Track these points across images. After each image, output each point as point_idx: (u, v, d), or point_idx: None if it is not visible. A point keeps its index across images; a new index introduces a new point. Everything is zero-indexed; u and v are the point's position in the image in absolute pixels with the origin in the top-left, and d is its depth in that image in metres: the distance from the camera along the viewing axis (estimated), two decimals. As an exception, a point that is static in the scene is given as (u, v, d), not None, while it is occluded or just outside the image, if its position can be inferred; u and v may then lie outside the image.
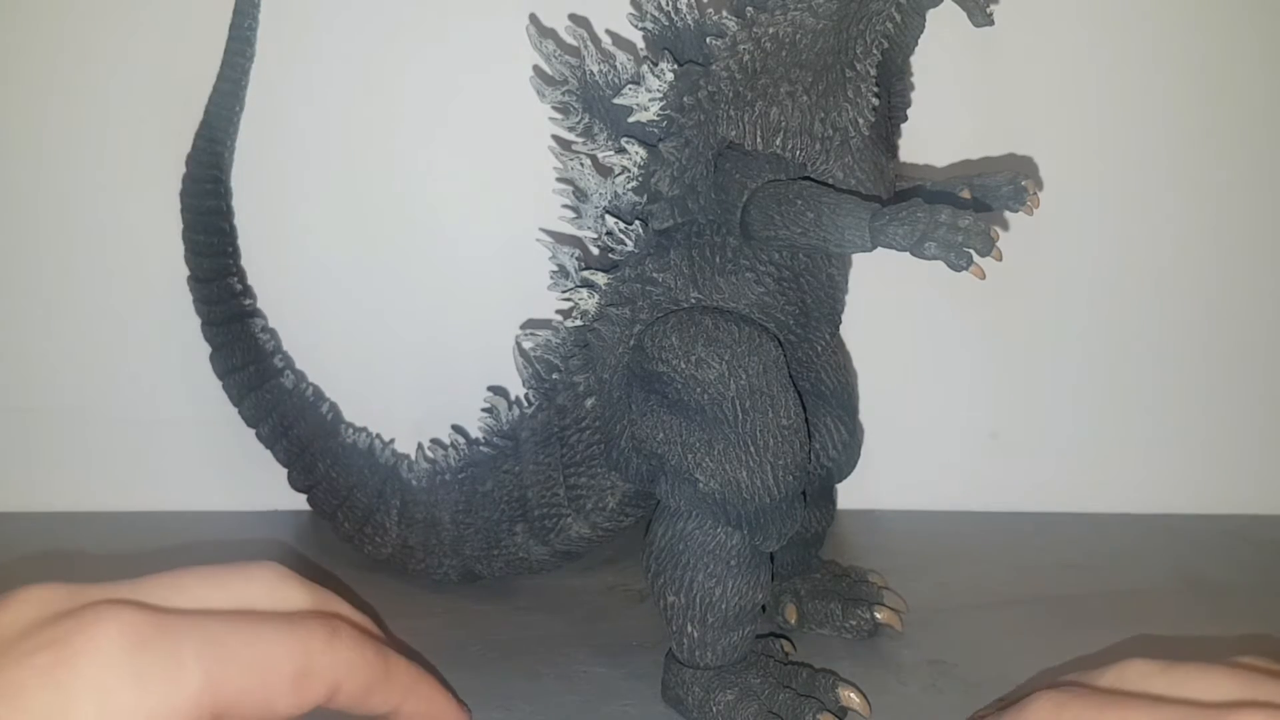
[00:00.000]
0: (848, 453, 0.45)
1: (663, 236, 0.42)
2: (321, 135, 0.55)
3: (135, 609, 0.25)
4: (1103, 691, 0.29)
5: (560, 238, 0.47)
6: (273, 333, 0.53)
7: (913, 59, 0.44)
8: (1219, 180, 0.58)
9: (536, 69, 0.44)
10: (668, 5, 0.42)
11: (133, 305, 0.56)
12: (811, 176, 0.40)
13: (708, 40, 0.41)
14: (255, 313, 0.53)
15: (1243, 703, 0.27)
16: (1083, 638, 0.46)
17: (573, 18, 0.48)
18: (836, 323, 0.45)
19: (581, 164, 0.44)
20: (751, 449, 0.39)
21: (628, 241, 0.43)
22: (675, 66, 0.41)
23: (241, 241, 0.53)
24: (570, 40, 0.44)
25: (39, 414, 0.57)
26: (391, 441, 0.53)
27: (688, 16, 0.42)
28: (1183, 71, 0.57)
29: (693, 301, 0.42)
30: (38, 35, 0.53)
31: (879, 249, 0.37)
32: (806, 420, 0.41)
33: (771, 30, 0.40)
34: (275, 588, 0.29)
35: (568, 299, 0.45)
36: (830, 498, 0.48)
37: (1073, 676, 0.32)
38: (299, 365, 0.54)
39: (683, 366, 0.40)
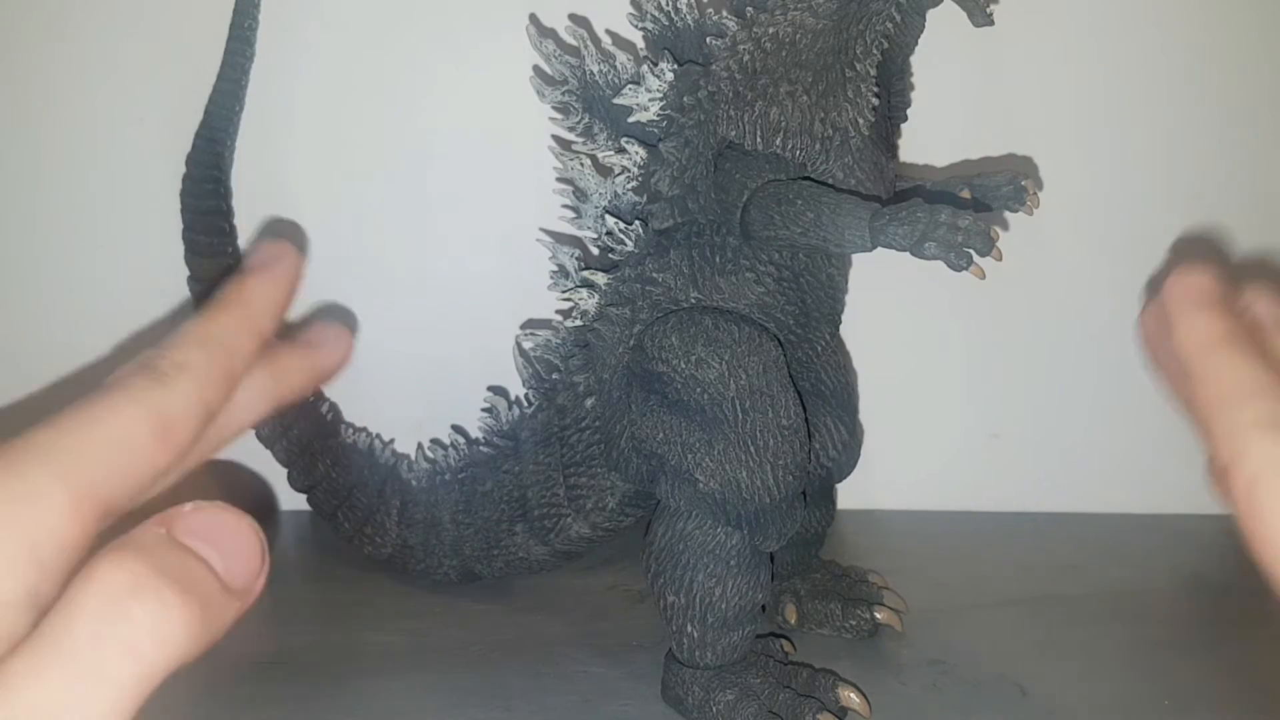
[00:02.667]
0: (848, 453, 0.45)
1: (663, 236, 0.42)
2: (321, 135, 0.55)
3: None
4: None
5: (560, 238, 0.47)
6: (273, 333, 0.53)
7: (913, 59, 0.44)
8: (1220, 179, 0.58)
9: (536, 69, 0.44)
10: (668, 5, 0.42)
11: (133, 305, 0.56)
12: (811, 176, 0.40)
13: (708, 40, 0.41)
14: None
15: None
16: (1083, 638, 0.46)
17: (573, 18, 0.48)
18: (836, 323, 0.45)
19: (581, 164, 0.44)
20: (751, 449, 0.39)
21: (628, 241, 0.43)
22: (675, 66, 0.41)
23: (241, 241, 0.53)
24: (570, 40, 0.44)
25: (39, 414, 0.57)
26: (391, 441, 0.53)
27: (688, 16, 0.42)
28: (1183, 71, 0.57)
29: (693, 301, 0.42)
30: (38, 35, 0.53)
31: (879, 249, 0.37)
32: (806, 420, 0.41)
33: (771, 30, 0.40)
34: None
35: (568, 299, 0.45)
36: (830, 498, 0.48)
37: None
38: (299, 365, 0.54)
39: (683, 366, 0.40)
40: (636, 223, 0.43)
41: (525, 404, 0.48)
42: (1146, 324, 0.32)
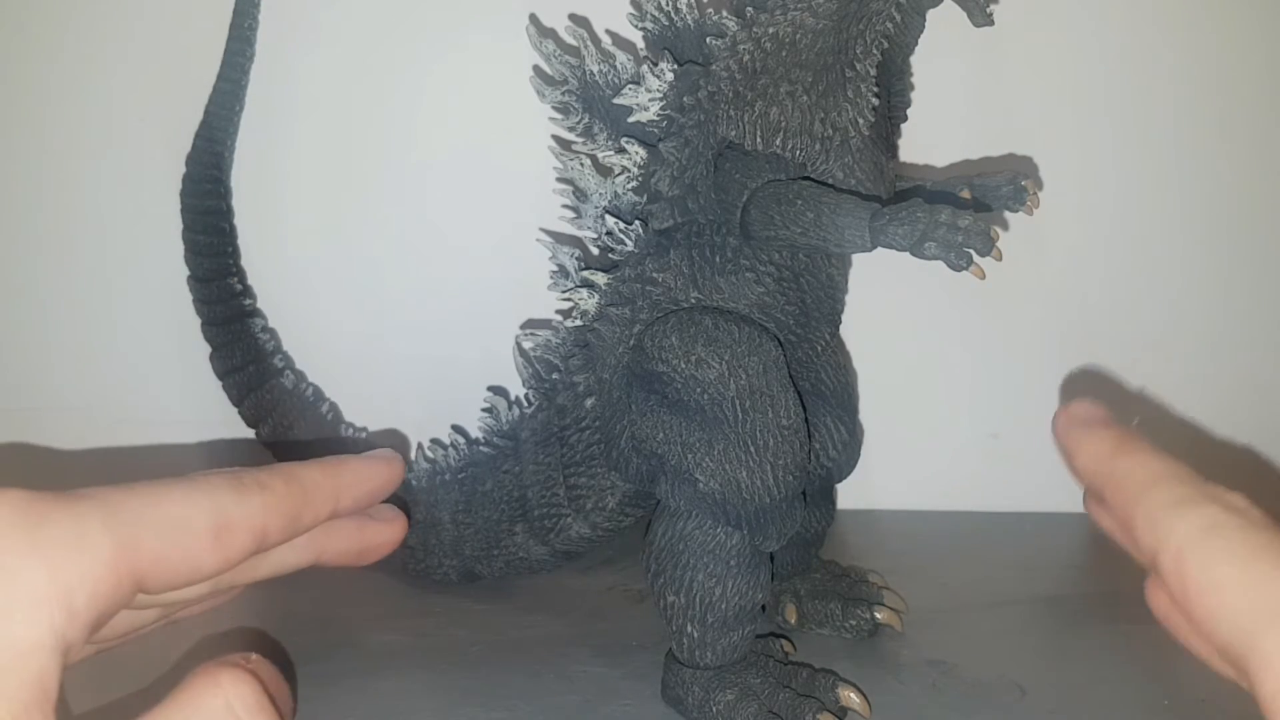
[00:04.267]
0: (848, 453, 0.45)
1: (663, 236, 0.42)
2: (321, 135, 0.55)
3: (23, 490, 0.23)
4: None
5: (560, 238, 0.47)
6: (273, 333, 0.53)
7: (913, 59, 0.44)
8: (1221, 179, 0.58)
9: (536, 69, 0.44)
10: (668, 5, 0.42)
11: (133, 305, 0.56)
12: (811, 176, 0.40)
13: (708, 40, 0.41)
14: (255, 313, 0.53)
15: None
16: (1083, 638, 0.46)
17: (573, 18, 0.48)
18: (836, 323, 0.45)
19: (581, 164, 0.44)
20: (751, 449, 0.39)
21: (628, 241, 0.43)
22: (675, 66, 0.41)
23: (241, 241, 0.53)
24: (570, 40, 0.44)
25: (39, 414, 0.57)
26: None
27: (688, 16, 0.42)
28: (1184, 71, 0.57)
29: (693, 301, 0.42)
30: (38, 35, 0.53)
31: (879, 249, 0.37)
32: (806, 420, 0.41)
33: (771, 30, 0.40)
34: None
35: (568, 299, 0.45)
36: (830, 498, 0.48)
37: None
38: (299, 365, 0.54)
39: (683, 366, 0.40)
40: (636, 223, 0.43)
41: (525, 404, 0.48)
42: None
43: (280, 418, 0.52)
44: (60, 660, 0.22)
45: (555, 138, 0.47)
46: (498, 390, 0.50)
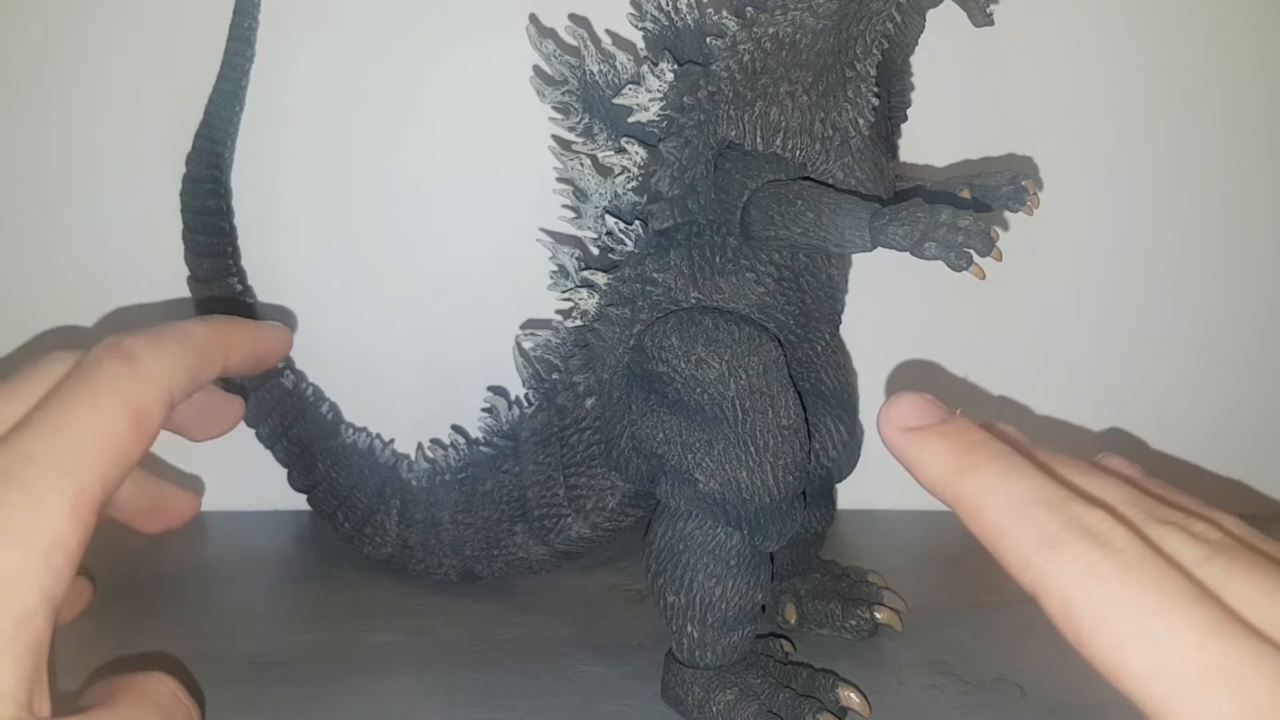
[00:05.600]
0: (848, 453, 0.45)
1: (663, 236, 0.42)
2: (321, 135, 0.55)
3: None
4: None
5: (560, 238, 0.47)
6: (273, 333, 0.53)
7: (913, 59, 0.44)
8: (1222, 179, 0.58)
9: (536, 69, 0.44)
10: (668, 5, 0.42)
11: (133, 305, 0.56)
12: (811, 176, 0.40)
13: (708, 40, 0.41)
14: (255, 313, 0.53)
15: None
16: (1083, 638, 0.46)
17: (573, 18, 0.48)
18: (836, 323, 0.45)
19: (581, 164, 0.44)
20: (751, 449, 0.39)
21: (628, 241, 0.43)
22: (675, 66, 0.41)
23: (241, 242, 0.53)
24: (570, 40, 0.44)
25: None
26: (391, 441, 0.53)
27: (688, 16, 0.42)
28: (1184, 71, 0.57)
29: (693, 301, 0.42)
30: (37, 35, 0.53)
31: (879, 249, 0.37)
32: (806, 420, 0.41)
33: (771, 30, 0.40)
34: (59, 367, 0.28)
35: (568, 299, 0.45)
36: (830, 498, 0.48)
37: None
38: (299, 365, 0.54)
39: (683, 366, 0.40)
40: (636, 223, 0.43)
41: (525, 404, 0.48)
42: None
43: (280, 418, 0.52)
44: (53, 618, 0.24)
45: (555, 138, 0.47)
46: (498, 390, 0.50)
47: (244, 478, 0.56)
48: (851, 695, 0.40)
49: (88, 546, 0.25)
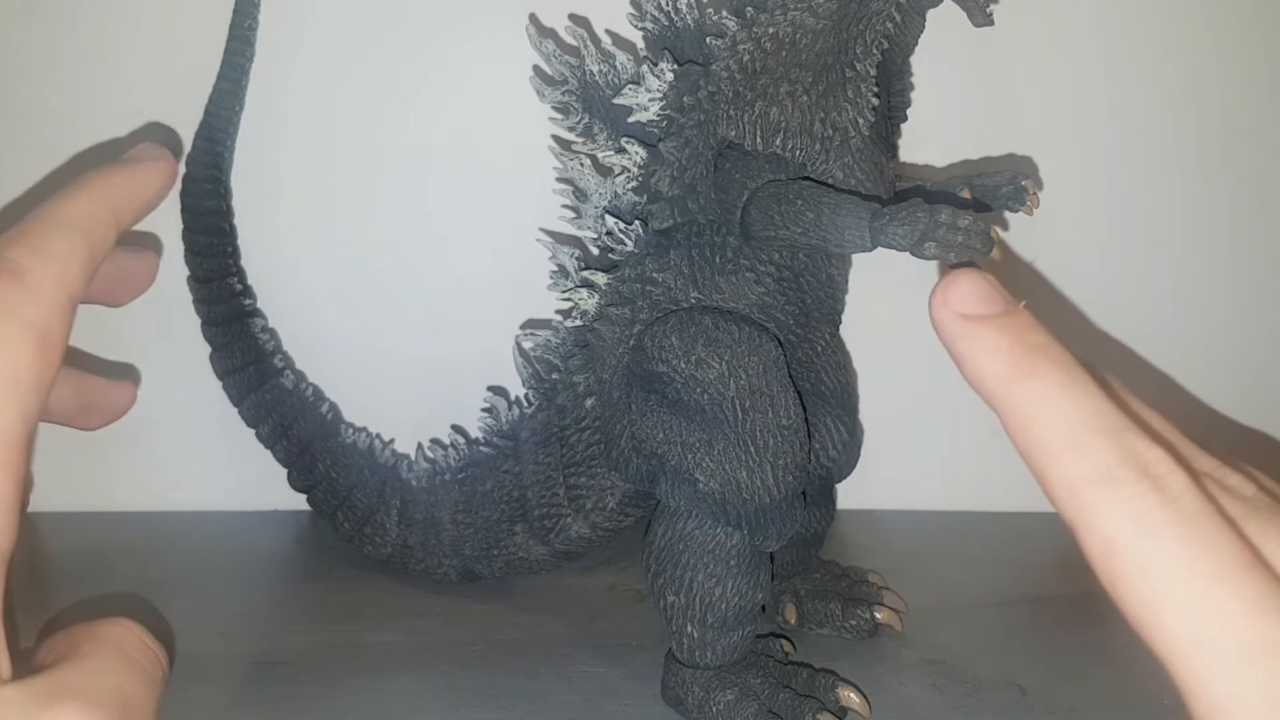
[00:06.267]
0: (848, 453, 0.45)
1: (663, 236, 0.42)
2: (321, 135, 0.55)
3: None
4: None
5: (560, 238, 0.47)
6: (273, 333, 0.53)
7: (913, 59, 0.44)
8: (1222, 179, 0.58)
9: (536, 69, 0.44)
10: (668, 5, 0.42)
11: (133, 305, 0.56)
12: (811, 176, 0.40)
13: (708, 40, 0.41)
14: (255, 313, 0.53)
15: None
16: (1082, 638, 0.46)
17: (573, 18, 0.48)
18: (836, 323, 0.45)
19: (581, 164, 0.44)
20: (751, 449, 0.39)
21: (628, 241, 0.43)
22: (675, 66, 0.41)
23: (242, 241, 0.53)
24: (570, 40, 0.44)
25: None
26: (391, 441, 0.53)
27: (688, 16, 0.42)
28: (1185, 71, 0.57)
29: (693, 301, 0.42)
30: (37, 34, 0.53)
31: (879, 249, 0.37)
32: (806, 420, 0.41)
33: (771, 30, 0.40)
34: None
35: (568, 299, 0.45)
36: (830, 498, 0.48)
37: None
38: (299, 365, 0.54)
39: (683, 366, 0.40)
40: (636, 223, 0.43)
41: (525, 404, 0.48)
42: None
43: (280, 418, 0.52)
44: (29, 435, 0.24)
45: (555, 138, 0.47)
46: (498, 390, 0.50)
47: (244, 478, 0.56)
48: (851, 695, 0.40)
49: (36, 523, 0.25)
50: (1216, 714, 0.20)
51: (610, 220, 0.43)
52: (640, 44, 0.44)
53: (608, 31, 0.52)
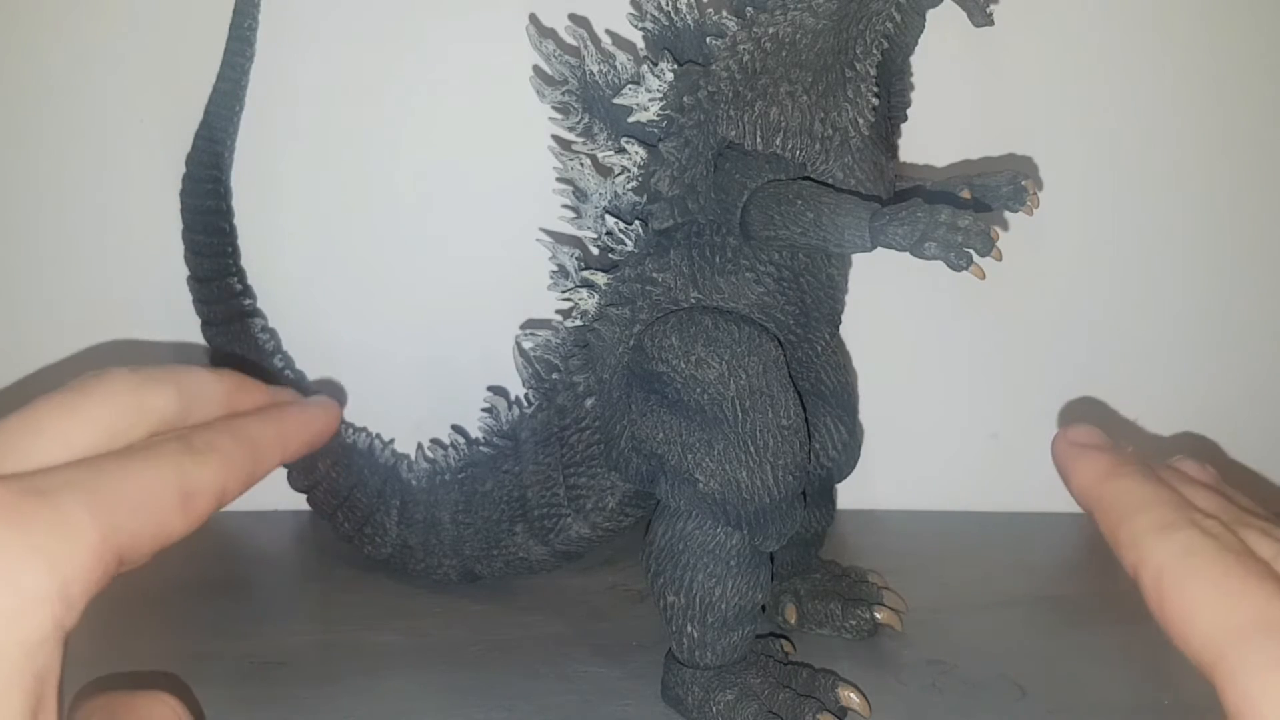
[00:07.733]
0: (848, 453, 0.45)
1: (663, 236, 0.42)
2: (321, 135, 0.55)
3: (5, 486, 0.23)
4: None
5: (560, 238, 0.47)
6: (273, 333, 0.53)
7: (913, 59, 0.44)
8: (1221, 179, 0.58)
9: (536, 69, 0.44)
10: (668, 5, 0.42)
11: (133, 305, 0.56)
12: (811, 176, 0.40)
13: (708, 40, 0.41)
14: (255, 313, 0.53)
15: None
16: (1083, 638, 0.46)
17: (573, 18, 0.48)
18: (836, 323, 0.45)
19: (581, 164, 0.44)
20: (751, 449, 0.39)
21: (628, 241, 0.43)
22: (675, 66, 0.41)
23: (241, 241, 0.53)
24: (570, 40, 0.44)
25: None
26: (391, 441, 0.53)
27: (688, 16, 0.42)
28: (1184, 71, 0.57)
29: (693, 301, 0.42)
30: (37, 35, 0.53)
31: (879, 249, 0.37)
32: (806, 420, 0.41)
33: (771, 30, 0.40)
34: (130, 391, 0.28)
35: (568, 299, 0.45)
36: (830, 498, 0.48)
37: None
38: (299, 365, 0.54)
39: (682, 366, 0.40)
40: (636, 223, 0.43)
41: (525, 404, 0.48)
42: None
43: (280, 418, 0.52)
44: (62, 649, 0.23)
45: (555, 138, 0.47)
46: (498, 390, 0.50)
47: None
48: (851, 695, 0.40)
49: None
50: (1247, 703, 0.23)
51: (610, 220, 0.43)
52: (640, 44, 0.44)
53: (608, 31, 0.52)
